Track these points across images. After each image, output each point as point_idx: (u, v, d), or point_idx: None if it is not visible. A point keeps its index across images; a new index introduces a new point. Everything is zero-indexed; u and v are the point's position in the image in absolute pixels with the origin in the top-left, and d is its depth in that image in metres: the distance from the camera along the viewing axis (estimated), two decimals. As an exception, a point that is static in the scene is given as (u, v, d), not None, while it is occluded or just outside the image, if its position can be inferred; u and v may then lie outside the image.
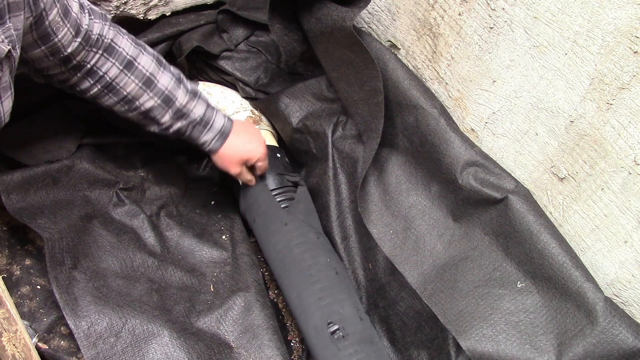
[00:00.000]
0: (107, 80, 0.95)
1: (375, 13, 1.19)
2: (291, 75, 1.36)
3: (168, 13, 1.34)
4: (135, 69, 0.96)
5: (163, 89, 0.99)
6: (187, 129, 1.04)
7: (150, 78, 0.98)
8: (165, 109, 1.00)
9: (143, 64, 0.97)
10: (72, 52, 0.89)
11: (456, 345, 0.97)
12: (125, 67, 0.95)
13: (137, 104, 0.98)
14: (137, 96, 0.97)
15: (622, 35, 0.72)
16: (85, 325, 0.89)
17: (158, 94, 0.99)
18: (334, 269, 1.11)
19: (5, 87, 0.78)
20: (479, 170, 0.98)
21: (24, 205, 1.00)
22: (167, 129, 1.03)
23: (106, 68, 0.94)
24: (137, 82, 0.96)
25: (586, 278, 0.84)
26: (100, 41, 0.93)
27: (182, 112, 1.02)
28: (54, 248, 0.95)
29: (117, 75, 0.95)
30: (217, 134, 1.08)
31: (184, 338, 0.94)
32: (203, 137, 1.06)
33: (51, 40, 0.84)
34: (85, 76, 0.94)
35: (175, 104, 1.00)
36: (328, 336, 1.01)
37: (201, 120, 1.05)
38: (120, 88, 0.96)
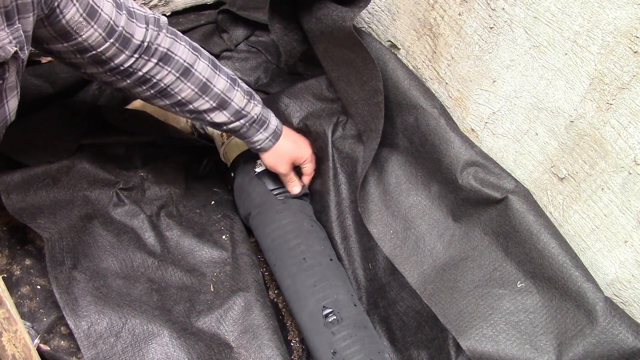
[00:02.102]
0: (161, 87, 0.95)
1: (375, 13, 1.19)
2: (291, 75, 1.36)
3: (168, 13, 1.34)
4: (192, 75, 0.96)
5: (219, 93, 0.99)
6: (242, 127, 1.05)
7: (206, 83, 0.98)
8: (221, 110, 1.01)
9: (200, 70, 0.97)
10: (103, 52, 0.87)
11: (456, 345, 0.97)
12: (181, 75, 0.95)
13: (191, 107, 0.99)
14: (192, 100, 0.98)
15: (622, 35, 0.72)
16: (85, 325, 0.89)
17: (214, 98, 0.99)
18: (328, 255, 1.13)
19: (12, 87, 0.78)
20: (479, 170, 0.98)
21: (23, 205, 1.00)
22: (221, 126, 1.04)
23: (161, 76, 0.94)
24: (193, 87, 0.96)
25: (586, 278, 0.84)
26: (153, 49, 0.91)
27: (242, 113, 1.03)
28: (54, 248, 0.95)
29: (173, 82, 0.95)
30: (271, 134, 1.10)
31: (184, 338, 0.95)
32: (257, 136, 1.08)
33: (74, 39, 0.83)
34: (137, 83, 0.94)
35: (233, 106, 1.01)
36: (322, 320, 1.02)
37: (259, 120, 1.06)
38: (175, 93, 0.96)
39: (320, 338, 1.02)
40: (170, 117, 1.37)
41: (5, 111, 0.78)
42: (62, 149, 1.11)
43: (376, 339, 1.06)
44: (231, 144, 1.31)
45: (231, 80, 1.02)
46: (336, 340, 1.01)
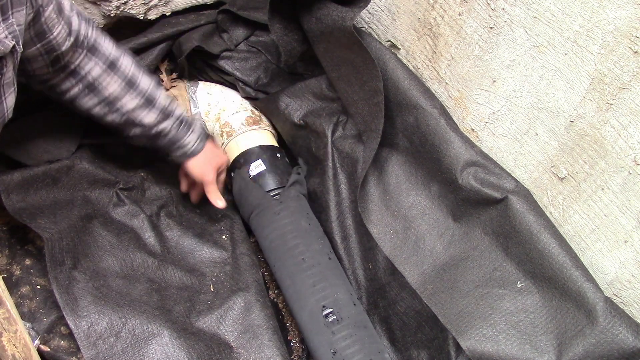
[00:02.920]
0: (89, 80, 0.95)
1: (375, 13, 1.19)
2: (291, 75, 1.36)
3: (168, 13, 1.34)
4: (118, 69, 0.97)
5: (145, 89, 1.00)
6: (171, 129, 1.04)
7: (132, 79, 0.98)
8: (149, 108, 1.00)
9: (125, 64, 0.98)
10: (64, 51, 0.89)
11: (456, 345, 0.97)
12: (108, 67, 0.96)
13: (118, 105, 0.98)
14: (120, 96, 0.98)
15: (622, 35, 0.72)
16: (85, 325, 0.89)
17: (141, 94, 0.99)
18: (327, 254, 1.13)
19: (9, 83, 0.78)
20: (479, 170, 0.98)
21: (23, 205, 1.00)
22: (150, 129, 1.03)
23: (89, 67, 0.94)
24: (119, 82, 0.97)
25: (586, 278, 0.84)
26: (85, 41, 0.93)
27: (168, 110, 1.03)
28: (53, 248, 0.95)
29: (100, 75, 0.95)
30: (200, 135, 1.09)
31: (184, 338, 0.95)
32: (188, 137, 1.07)
33: (46, 38, 0.84)
34: (67, 76, 0.94)
35: (160, 103, 1.01)
36: (322, 320, 1.02)
37: (185, 120, 1.06)
38: (103, 88, 0.96)
39: (320, 338, 1.02)
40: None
41: (3, 108, 0.79)
42: (62, 149, 1.11)
43: (376, 338, 1.06)
44: (231, 144, 1.31)
45: (155, 81, 1.03)
46: (336, 340, 1.01)
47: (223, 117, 1.35)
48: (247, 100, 1.40)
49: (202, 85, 1.40)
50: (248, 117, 1.35)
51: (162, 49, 1.31)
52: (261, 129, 1.34)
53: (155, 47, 1.30)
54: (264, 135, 1.33)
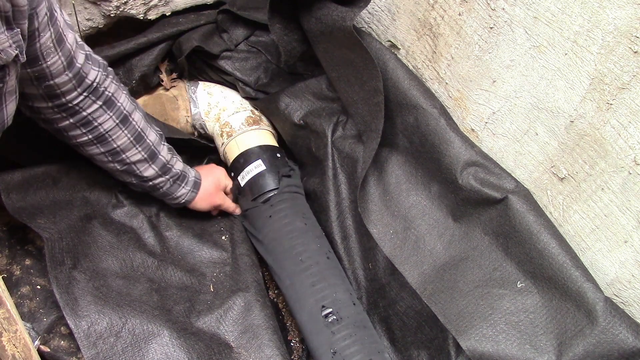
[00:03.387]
0: (100, 132, 0.97)
1: (375, 13, 1.19)
2: (291, 75, 1.36)
3: (168, 13, 1.34)
4: (130, 124, 0.99)
5: (150, 145, 1.03)
6: (165, 183, 1.08)
7: (141, 134, 1.01)
8: (149, 163, 1.04)
9: (136, 120, 1.01)
10: (59, 84, 0.88)
11: (456, 345, 0.97)
12: (121, 122, 0.98)
13: (123, 157, 1.01)
14: (126, 149, 1.00)
15: (622, 35, 0.72)
16: (85, 325, 0.89)
17: (145, 149, 1.02)
18: (325, 254, 1.14)
19: (11, 91, 0.78)
20: (479, 170, 0.98)
21: (23, 204, 0.99)
22: (147, 181, 1.06)
23: (102, 120, 0.96)
24: (129, 136, 1.00)
25: (586, 278, 0.84)
26: (100, 92, 0.94)
27: (167, 167, 1.07)
28: (53, 248, 0.95)
29: (112, 128, 0.97)
30: (192, 186, 1.13)
31: (184, 338, 0.94)
32: (180, 191, 1.11)
33: (39, 65, 0.84)
34: (78, 123, 0.95)
35: (160, 159, 1.05)
36: (322, 320, 1.02)
37: (181, 175, 1.10)
38: (112, 140, 0.98)
39: (320, 338, 1.02)
40: (170, 117, 1.37)
41: (3, 115, 0.79)
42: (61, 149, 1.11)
43: (376, 338, 1.06)
44: (231, 144, 1.31)
45: (159, 135, 1.06)
46: (336, 340, 1.01)
47: (223, 117, 1.35)
48: (247, 100, 1.40)
49: (202, 85, 1.40)
50: (248, 117, 1.35)
51: (162, 49, 1.31)
52: (261, 129, 1.34)
53: (155, 47, 1.30)
54: (264, 135, 1.33)
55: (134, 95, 1.35)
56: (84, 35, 1.29)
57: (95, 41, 1.34)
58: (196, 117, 1.38)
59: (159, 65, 1.35)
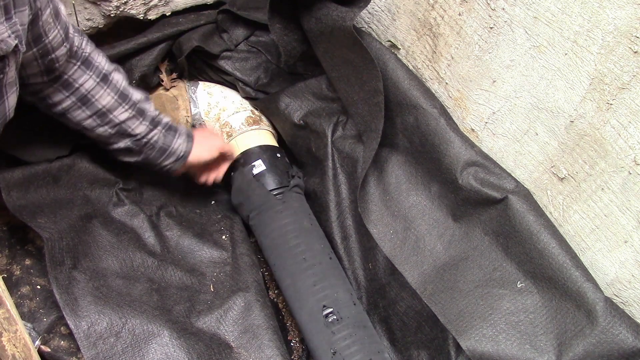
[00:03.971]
0: (82, 93, 0.96)
1: (375, 13, 1.19)
2: (291, 75, 1.36)
3: (168, 13, 1.34)
4: (110, 82, 0.99)
5: (136, 101, 1.03)
6: (160, 135, 1.07)
7: (124, 92, 1.01)
8: (140, 119, 1.04)
9: (117, 78, 1.01)
10: (58, 57, 0.89)
11: (456, 345, 0.97)
12: (101, 80, 0.98)
13: (110, 117, 1.00)
14: (113, 108, 1.00)
15: (622, 35, 0.72)
16: (85, 325, 0.89)
17: (132, 107, 1.02)
18: (328, 254, 1.14)
19: (11, 83, 0.79)
20: (479, 170, 0.98)
21: (24, 202, 0.99)
22: (140, 139, 1.05)
23: (83, 80, 0.96)
24: (112, 94, 0.99)
25: (586, 278, 0.84)
26: (79, 54, 0.95)
27: (156, 120, 1.07)
28: (53, 248, 0.94)
29: (93, 88, 0.97)
30: (185, 136, 1.12)
31: (184, 338, 0.94)
32: (176, 142, 1.10)
33: (42, 42, 0.84)
34: (60, 87, 0.95)
35: (149, 114, 1.05)
36: (322, 320, 1.02)
37: (170, 126, 1.10)
38: (95, 101, 0.98)
39: (320, 338, 1.02)
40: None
41: (5, 107, 0.79)
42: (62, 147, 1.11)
43: (376, 338, 1.06)
44: (231, 144, 1.31)
45: (144, 95, 1.07)
46: (336, 340, 1.01)
47: (223, 117, 1.35)
48: (247, 100, 1.40)
49: (202, 85, 1.40)
50: (248, 117, 1.35)
51: (162, 49, 1.31)
52: (261, 129, 1.34)
53: (155, 47, 1.30)
54: (264, 135, 1.33)
55: (134, 95, 1.35)
56: (84, 35, 1.29)
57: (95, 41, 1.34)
58: (196, 117, 1.38)
59: (159, 65, 1.35)
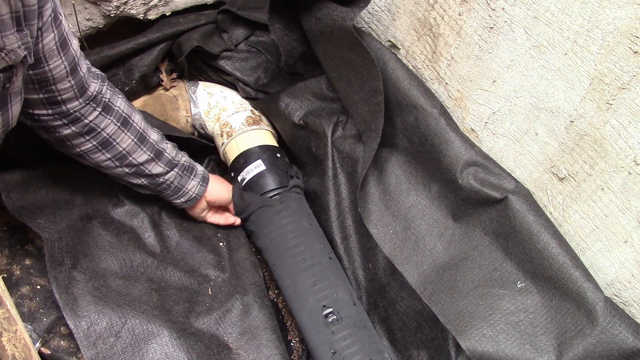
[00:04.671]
0: (103, 136, 0.98)
1: (375, 13, 1.19)
2: (291, 75, 1.36)
3: (168, 13, 1.34)
4: (131, 125, 1.01)
5: (154, 144, 1.05)
6: (175, 177, 1.10)
7: (143, 134, 1.03)
8: (157, 161, 1.06)
9: (136, 121, 1.02)
10: (60, 91, 0.87)
11: (456, 345, 0.97)
12: (122, 124, 0.99)
13: (130, 159, 1.02)
14: (132, 151, 1.02)
15: (622, 35, 0.72)
16: (85, 325, 0.89)
17: (150, 149, 1.04)
18: (328, 254, 1.14)
19: (17, 92, 0.78)
20: (479, 170, 0.98)
21: (23, 203, 0.99)
22: (156, 178, 1.07)
23: (104, 124, 0.97)
24: (132, 137, 1.01)
25: (586, 278, 0.84)
26: (99, 99, 0.95)
27: (174, 162, 1.09)
28: (53, 248, 0.94)
29: (115, 132, 0.99)
30: (200, 179, 1.15)
31: (183, 338, 0.94)
32: (190, 183, 1.13)
33: (41, 67, 0.82)
34: (81, 131, 0.95)
35: (166, 156, 1.07)
36: (322, 320, 1.03)
37: (187, 167, 1.13)
38: (117, 144, 1.00)
39: (320, 338, 1.02)
40: (170, 117, 1.37)
41: (8, 116, 0.79)
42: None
43: (376, 338, 1.06)
44: (231, 144, 1.31)
45: (160, 134, 1.08)
46: (336, 340, 1.01)
47: (223, 117, 1.35)
48: (247, 100, 1.40)
49: (202, 85, 1.40)
50: (248, 117, 1.35)
51: (162, 49, 1.31)
52: (261, 129, 1.34)
53: (155, 47, 1.30)
54: (264, 135, 1.33)
55: (134, 95, 1.35)
56: (84, 35, 1.29)
57: (95, 41, 1.34)
58: (196, 117, 1.38)
59: (159, 65, 1.35)
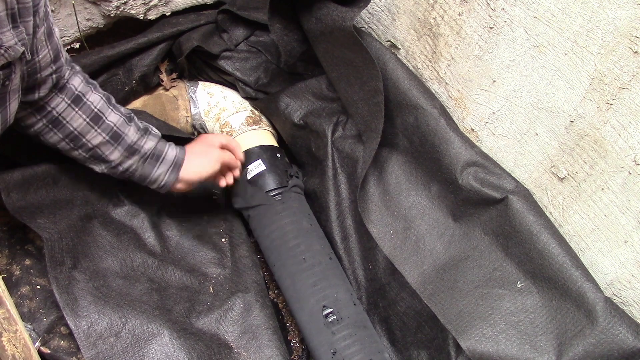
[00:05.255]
0: (53, 115, 0.93)
1: (375, 13, 1.19)
2: (291, 75, 1.36)
3: (168, 13, 1.34)
4: (84, 104, 0.95)
5: (112, 125, 0.97)
6: (137, 165, 1.01)
7: (98, 114, 0.96)
8: (114, 145, 0.98)
9: (92, 99, 0.96)
10: (43, 78, 0.87)
11: (456, 345, 0.97)
12: (72, 102, 0.94)
13: (83, 141, 0.96)
14: (84, 132, 0.96)
15: (622, 35, 0.72)
16: (85, 325, 0.89)
17: (106, 130, 0.97)
18: (328, 254, 1.14)
19: (15, 90, 0.78)
20: (479, 170, 0.98)
21: (24, 204, 0.99)
22: (116, 167, 1.00)
23: (54, 103, 0.92)
24: (84, 117, 0.95)
25: (586, 278, 0.84)
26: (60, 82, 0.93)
27: (134, 148, 1.00)
28: (53, 248, 0.94)
29: (64, 110, 0.94)
30: (170, 166, 1.04)
31: (184, 338, 0.95)
32: (156, 172, 1.03)
33: (32, 60, 0.82)
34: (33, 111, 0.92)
35: (126, 140, 0.99)
36: (322, 320, 1.02)
37: (152, 154, 1.02)
38: (67, 123, 0.94)
39: (320, 338, 1.02)
40: (170, 117, 1.37)
41: (7, 113, 0.79)
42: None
43: (376, 338, 1.06)
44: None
45: (126, 116, 1.00)
46: (336, 340, 1.01)
47: (223, 117, 1.35)
48: (247, 100, 1.40)
49: (202, 85, 1.40)
50: (248, 117, 1.35)
51: (162, 49, 1.31)
52: (261, 129, 1.34)
53: (155, 47, 1.30)
54: (264, 135, 1.33)
55: (134, 95, 1.35)
56: (84, 36, 1.29)
57: (95, 41, 1.34)
58: (196, 117, 1.38)
59: (159, 65, 1.35)
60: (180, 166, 1.05)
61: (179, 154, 1.05)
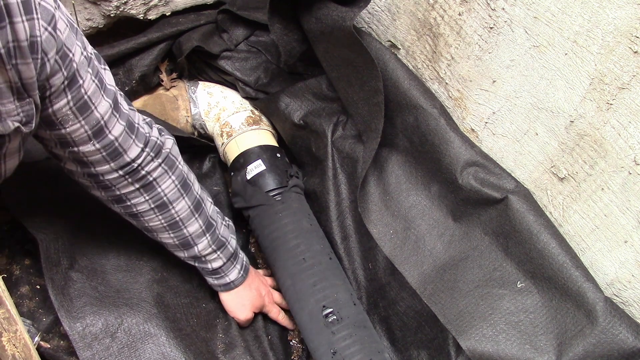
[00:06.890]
0: (133, 211, 0.91)
1: (375, 13, 1.19)
2: (291, 75, 1.36)
3: (168, 13, 1.34)
4: (167, 212, 0.92)
5: (186, 235, 0.95)
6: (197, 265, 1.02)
7: (178, 223, 0.94)
8: (181, 249, 0.98)
9: (178, 209, 0.93)
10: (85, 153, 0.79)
11: (456, 345, 0.97)
12: (157, 207, 0.91)
13: (154, 234, 0.96)
14: (158, 231, 0.95)
15: (622, 35, 0.72)
16: (80, 326, 0.88)
17: (179, 238, 0.96)
18: (328, 254, 1.14)
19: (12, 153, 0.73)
20: (479, 170, 0.98)
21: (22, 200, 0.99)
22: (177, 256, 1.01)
23: (137, 201, 0.89)
24: (163, 222, 0.93)
25: (586, 278, 0.84)
26: (141, 175, 0.86)
27: (200, 260, 1.00)
28: (49, 249, 0.93)
29: (146, 211, 0.91)
30: (243, 266, 1.06)
31: (180, 338, 0.94)
32: (233, 268, 1.04)
33: (57, 129, 0.75)
34: (111, 199, 0.90)
35: (193, 250, 0.98)
36: (322, 320, 1.02)
37: (213, 271, 1.03)
38: (144, 220, 0.93)
39: (320, 338, 1.02)
40: (170, 117, 1.37)
41: (1, 171, 0.74)
42: None
43: (376, 338, 1.06)
44: (231, 144, 1.31)
45: (206, 227, 0.97)
46: (336, 340, 1.01)
47: (223, 117, 1.35)
48: (247, 100, 1.40)
49: (202, 85, 1.40)
50: (248, 117, 1.35)
51: (162, 49, 1.31)
52: (261, 129, 1.34)
53: (155, 47, 1.30)
54: (264, 135, 1.33)
55: (134, 95, 1.35)
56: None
57: (95, 41, 1.34)
58: (196, 117, 1.38)
59: (159, 65, 1.35)
60: (231, 290, 1.05)
61: (237, 280, 1.05)
